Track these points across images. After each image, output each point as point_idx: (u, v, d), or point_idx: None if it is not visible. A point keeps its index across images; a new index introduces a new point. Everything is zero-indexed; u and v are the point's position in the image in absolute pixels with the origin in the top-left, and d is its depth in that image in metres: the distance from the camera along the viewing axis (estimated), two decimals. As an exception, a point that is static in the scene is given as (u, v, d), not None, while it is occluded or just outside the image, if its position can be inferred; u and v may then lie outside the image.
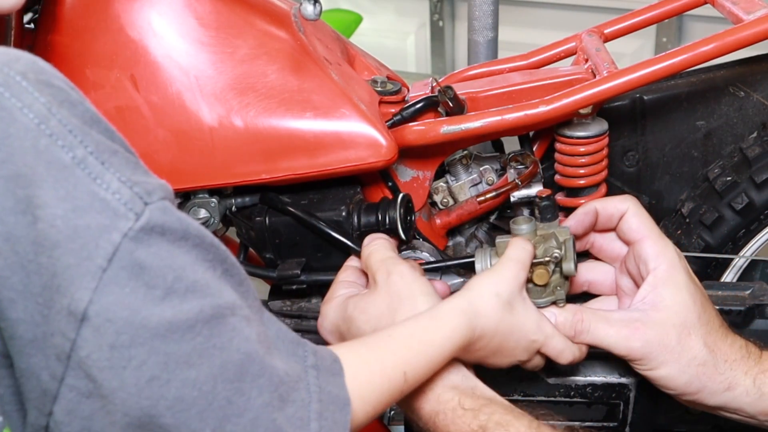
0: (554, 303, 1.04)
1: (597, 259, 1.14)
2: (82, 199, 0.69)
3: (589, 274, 1.13)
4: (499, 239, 1.06)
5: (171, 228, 0.72)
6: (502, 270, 1.00)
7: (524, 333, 1.00)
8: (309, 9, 1.15)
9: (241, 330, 0.74)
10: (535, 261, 1.02)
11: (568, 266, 1.02)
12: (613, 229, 1.09)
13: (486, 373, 1.02)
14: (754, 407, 1.02)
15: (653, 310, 1.02)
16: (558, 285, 1.04)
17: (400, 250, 1.28)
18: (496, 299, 0.97)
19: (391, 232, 1.18)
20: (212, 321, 0.72)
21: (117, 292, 0.69)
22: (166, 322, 0.70)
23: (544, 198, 1.05)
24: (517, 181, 1.24)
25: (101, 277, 0.68)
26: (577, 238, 1.07)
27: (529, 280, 1.02)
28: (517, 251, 1.01)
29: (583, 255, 1.13)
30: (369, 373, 0.85)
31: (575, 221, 1.08)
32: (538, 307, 1.03)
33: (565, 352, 1.03)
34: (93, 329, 0.69)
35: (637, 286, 1.06)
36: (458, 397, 0.94)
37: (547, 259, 1.02)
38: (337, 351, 0.84)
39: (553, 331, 1.02)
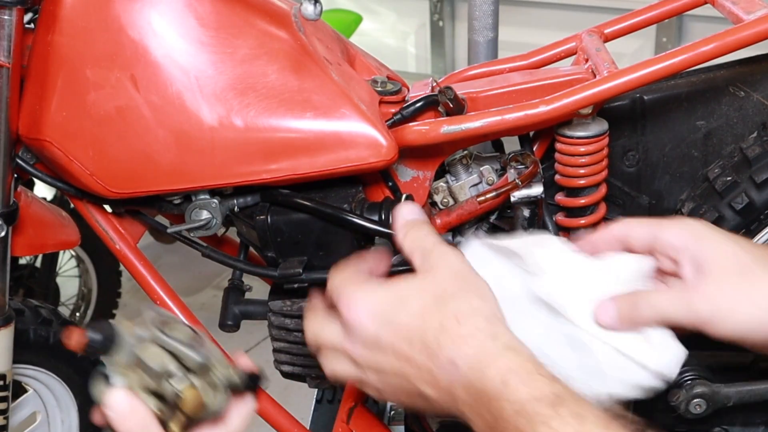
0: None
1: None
2: None
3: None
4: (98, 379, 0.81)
5: None
6: None
7: None
8: (309, 9, 1.15)
9: None
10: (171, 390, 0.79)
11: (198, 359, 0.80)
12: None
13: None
14: None
15: (701, 265, 0.91)
16: (214, 394, 0.82)
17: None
18: None
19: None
20: None
21: None
22: None
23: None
24: (517, 181, 1.24)
25: None
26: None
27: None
28: None
29: None
30: None
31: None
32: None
33: None
34: None
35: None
36: (532, 363, 0.84)
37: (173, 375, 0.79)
38: None
39: None
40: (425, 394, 0.88)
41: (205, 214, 1.23)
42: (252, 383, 0.87)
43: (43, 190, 2.42)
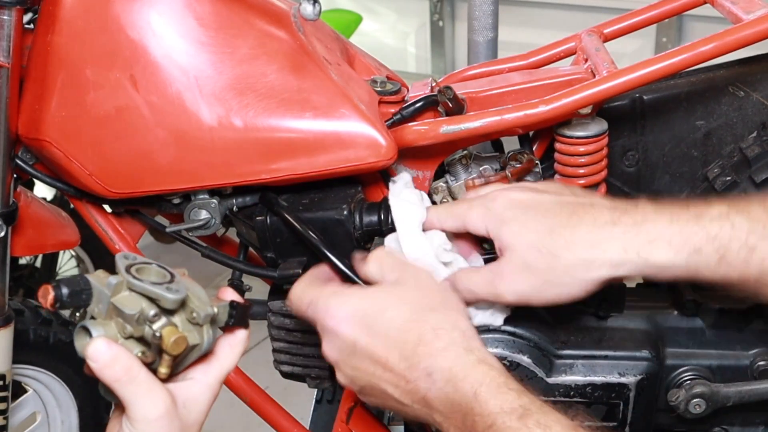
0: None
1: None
2: None
3: None
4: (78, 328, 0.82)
5: None
6: None
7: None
8: (309, 9, 1.15)
9: None
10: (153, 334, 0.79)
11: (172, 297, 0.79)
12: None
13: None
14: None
15: (501, 248, 0.98)
16: (197, 330, 0.82)
17: None
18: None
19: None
20: None
21: None
22: None
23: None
24: (507, 173, 1.23)
25: None
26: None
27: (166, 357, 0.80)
28: None
29: None
30: None
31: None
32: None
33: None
34: None
35: None
36: (503, 377, 0.88)
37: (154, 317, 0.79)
38: None
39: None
40: (399, 400, 0.91)
41: (204, 214, 1.23)
42: (238, 314, 0.87)
43: (43, 190, 2.42)
